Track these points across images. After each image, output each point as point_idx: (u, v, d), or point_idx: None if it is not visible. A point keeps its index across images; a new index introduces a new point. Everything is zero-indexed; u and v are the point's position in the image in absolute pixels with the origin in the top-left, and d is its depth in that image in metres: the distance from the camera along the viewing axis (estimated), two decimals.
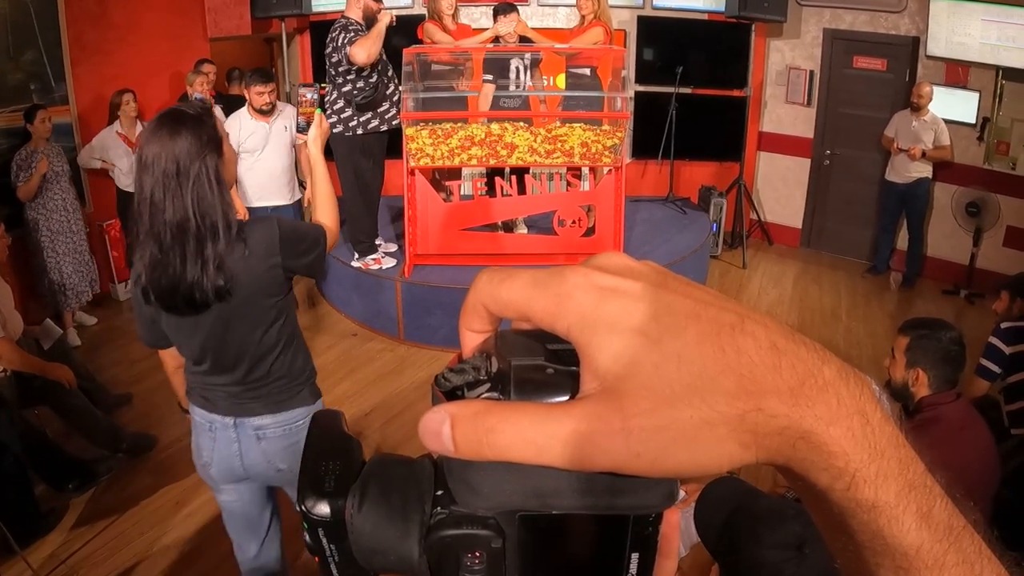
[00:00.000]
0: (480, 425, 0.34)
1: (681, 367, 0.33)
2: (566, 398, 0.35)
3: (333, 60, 5.50)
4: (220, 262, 2.22)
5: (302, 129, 3.01)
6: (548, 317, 0.35)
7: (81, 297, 6.17)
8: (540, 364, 0.36)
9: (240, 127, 5.53)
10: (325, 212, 2.66)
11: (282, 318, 2.48)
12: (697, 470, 0.34)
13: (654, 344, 0.33)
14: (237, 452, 2.56)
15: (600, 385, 0.34)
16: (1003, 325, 3.98)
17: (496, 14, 6.11)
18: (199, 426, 2.60)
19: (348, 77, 5.51)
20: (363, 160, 5.79)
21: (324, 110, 5.71)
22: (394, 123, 5.76)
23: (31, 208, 5.80)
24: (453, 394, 0.38)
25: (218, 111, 6.71)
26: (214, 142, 2.21)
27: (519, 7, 6.23)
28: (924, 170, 7.20)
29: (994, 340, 3.96)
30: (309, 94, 3.15)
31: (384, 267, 6.12)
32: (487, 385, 0.37)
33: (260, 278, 2.34)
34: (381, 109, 5.70)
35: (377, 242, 6.25)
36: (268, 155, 5.71)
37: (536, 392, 0.36)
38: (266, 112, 5.59)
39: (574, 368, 0.35)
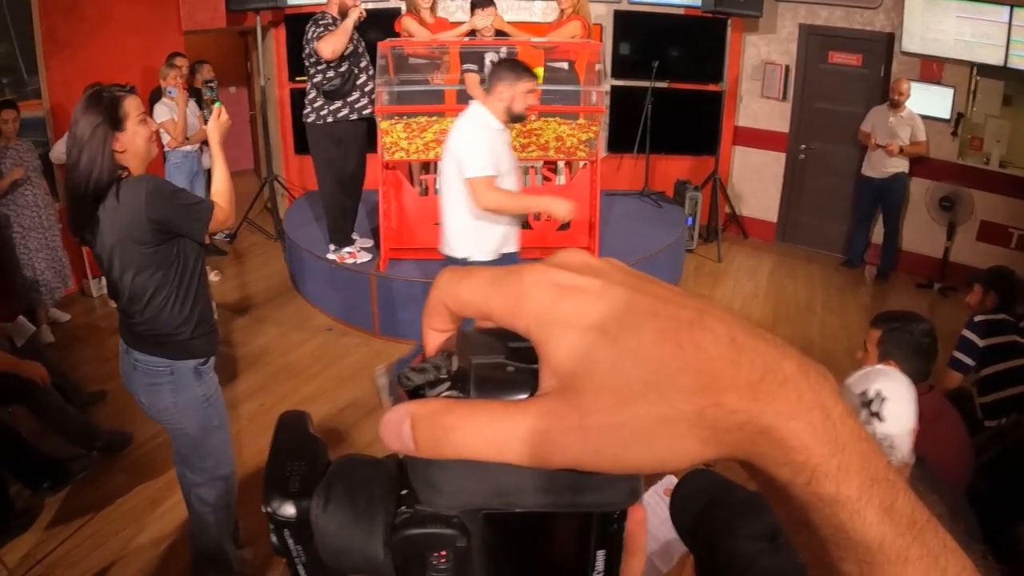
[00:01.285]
0: (439, 423, 0.34)
1: (638, 364, 0.32)
2: (526, 396, 0.35)
3: (305, 52, 5.59)
4: (92, 212, 2.74)
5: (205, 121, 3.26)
6: (507, 315, 0.35)
7: (54, 293, 6.11)
8: (500, 362, 0.36)
9: (491, 142, 3.87)
10: (218, 193, 3.02)
11: (155, 268, 2.84)
12: (657, 466, 0.33)
13: (612, 341, 0.33)
14: (128, 374, 3.03)
15: (558, 382, 0.34)
16: (977, 318, 4.02)
17: (473, 7, 6.11)
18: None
19: (319, 68, 5.56)
20: (334, 149, 5.79)
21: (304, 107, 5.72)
22: (364, 112, 5.75)
23: (2, 204, 5.73)
24: (416, 393, 0.37)
25: (192, 105, 6.72)
26: (111, 120, 2.70)
27: (496, 1, 6.20)
28: (901, 165, 7.26)
29: (968, 333, 4.00)
30: (207, 93, 3.44)
31: (359, 261, 6.11)
32: (447, 384, 0.37)
33: (126, 227, 2.74)
34: (351, 98, 5.70)
35: (353, 236, 6.23)
36: (509, 182, 4.09)
37: (496, 390, 0.35)
38: (522, 119, 4.10)
39: (535, 366, 0.35)
